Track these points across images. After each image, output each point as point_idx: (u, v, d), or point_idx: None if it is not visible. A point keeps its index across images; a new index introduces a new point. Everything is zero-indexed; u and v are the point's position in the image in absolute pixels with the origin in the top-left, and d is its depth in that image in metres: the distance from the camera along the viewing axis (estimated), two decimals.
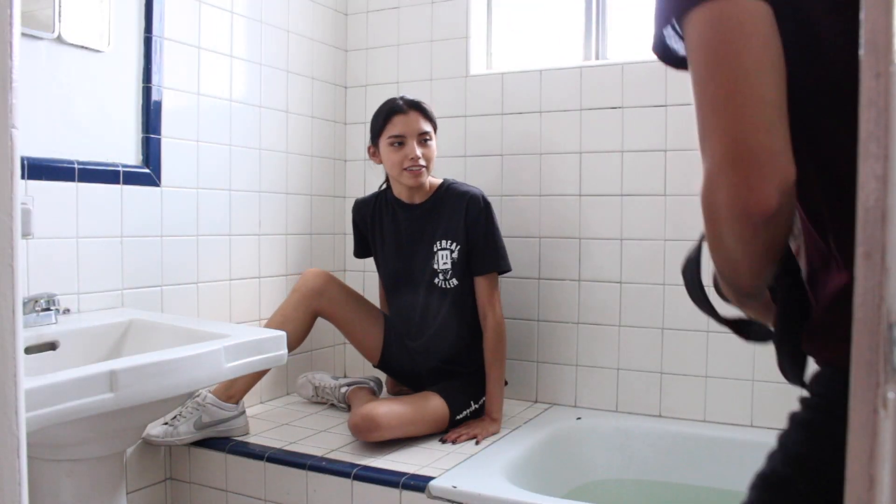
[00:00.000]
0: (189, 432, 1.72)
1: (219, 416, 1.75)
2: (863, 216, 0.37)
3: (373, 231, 2.04)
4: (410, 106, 1.87)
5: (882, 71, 0.36)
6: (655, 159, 2.02)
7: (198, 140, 1.90)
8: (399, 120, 1.86)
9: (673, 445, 1.90)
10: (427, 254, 1.93)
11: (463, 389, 1.89)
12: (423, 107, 1.89)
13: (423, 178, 1.89)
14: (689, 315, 1.98)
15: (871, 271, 0.36)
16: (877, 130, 0.36)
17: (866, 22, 0.37)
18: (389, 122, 1.87)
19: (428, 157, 1.88)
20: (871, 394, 0.36)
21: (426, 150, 1.87)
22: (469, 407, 1.88)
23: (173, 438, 1.71)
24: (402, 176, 1.88)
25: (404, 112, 1.86)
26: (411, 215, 1.96)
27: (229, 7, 1.98)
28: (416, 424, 1.76)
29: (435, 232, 1.92)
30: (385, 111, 1.89)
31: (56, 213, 1.53)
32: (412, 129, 1.86)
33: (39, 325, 1.39)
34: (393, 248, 2.00)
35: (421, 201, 1.95)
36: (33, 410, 0.95)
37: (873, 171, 0.36)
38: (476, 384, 1.92)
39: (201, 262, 1.91)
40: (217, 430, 1.75)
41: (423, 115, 1.88)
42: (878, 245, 0.36)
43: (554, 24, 2.32)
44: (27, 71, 1.49)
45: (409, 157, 1.85)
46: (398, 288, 2.01)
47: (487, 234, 1.88)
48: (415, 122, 1.86)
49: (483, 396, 1.91)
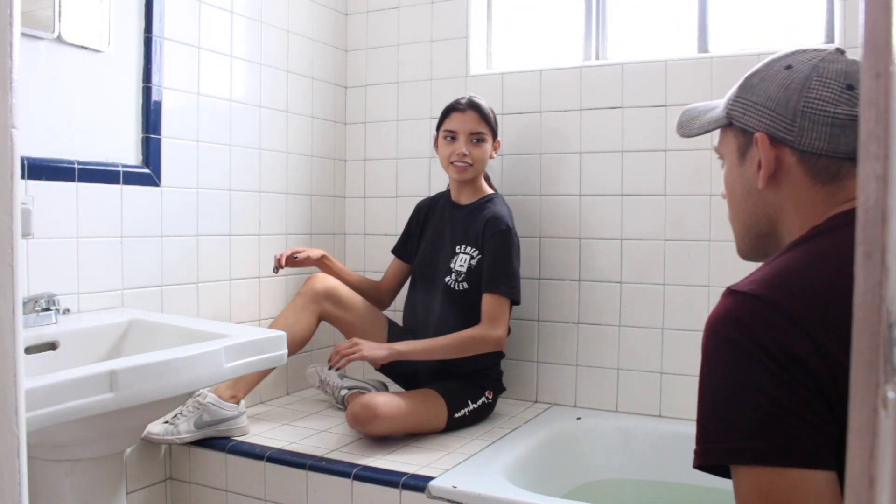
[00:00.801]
0: (189, 431, 1.72)
1: (219, 415, 1.75)
2: (863, 216, 0.37)
3: (423, 227, 2.11)
4: (470, 105, 1.96)
5: (882, 71, 0.36)
6: (655, 159, 2.02)
7: (198, 140, 1.90)
8: (456, 116, 1.95)
9: (673, 445, 1.89)
10: (450, 253, 1.97)
11: (461, 388, 1.90)
12: (483, 109, 1.96)
13: (467, 175, 1.95)
14: (689, 315, 1.98)
15: (871, 271, 0.36)
16: (877, 130, 0.36)
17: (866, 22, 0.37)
18: (448, 117, 1.97)
19: (476, 157, 1.94)
20: (871, 394, 0.36)
21: (476, 149, 1.94)
22: (467, 406, 1.88)
23: (173, 437, 1.71)
24: (448, 169, 1.98)
25: (462, 110, 1.95)
26: (454, 215, 2.02)
27: (229, 7, 1.98)
28: (414, 417, 1.77)
29: (464, 235, 1.96)
30: (448, 107, 1.99)
31: (56, 213, 1.53)
32: (465, 127, 1.94)
33: (39, 325, 1.39)
34: (429, 242, 2.05)
35: (466, 203, 2.01)
36: (33, 410, 0.95)
37: (873, 171, 0.36)
38: (474, 385, 1.92)
39: (201, 262, 1.91)
40: (217, 430, 1.75)
41: (480, 116, 1.95)
42: (878, 245, 0.36)
43: (554, 24, 2.32)
44: (27, 71, 1.49)
45: (457, 153, 1.93)
46: (419, 283, 2.05)
47: (499, 257, 1.89)
48: (470, 121, 1.94)
49: (482, 398, 1.91)
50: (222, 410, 1.75)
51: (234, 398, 1.79)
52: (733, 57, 1.94)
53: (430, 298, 2.00)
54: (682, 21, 2.11)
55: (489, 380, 1.97)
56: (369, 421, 1.70)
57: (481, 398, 1.92)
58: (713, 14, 2.06)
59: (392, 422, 1.72)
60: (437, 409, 1.82)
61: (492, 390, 1.97)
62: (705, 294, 1.96)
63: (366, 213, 2.46)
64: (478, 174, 1.99)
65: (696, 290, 1.97)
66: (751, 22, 2.06)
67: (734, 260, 2.01)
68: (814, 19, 1.96)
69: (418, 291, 2.04)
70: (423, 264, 2.05)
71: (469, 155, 1.93)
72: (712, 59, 1.96)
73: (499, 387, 2.01)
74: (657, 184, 2.02)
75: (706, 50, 2.05)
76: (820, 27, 1.94)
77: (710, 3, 2.05)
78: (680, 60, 2.00)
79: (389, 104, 2.41)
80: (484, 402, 1.93)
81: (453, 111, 1.96)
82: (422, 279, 2.04)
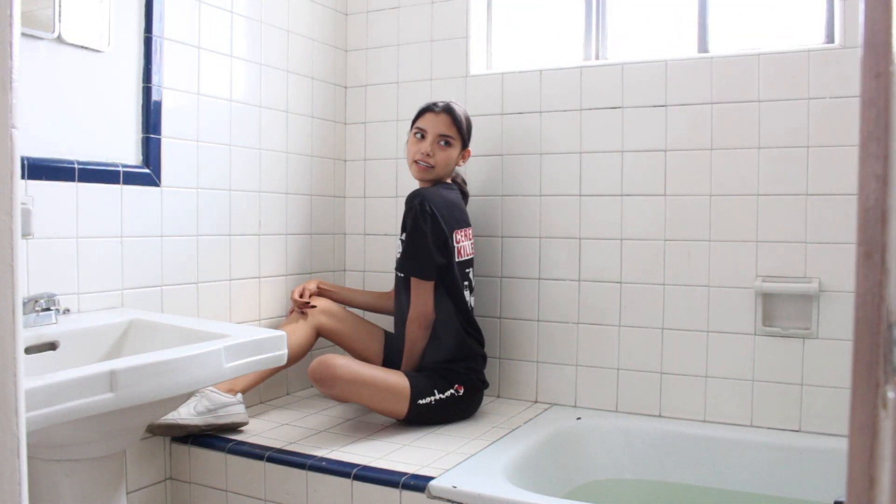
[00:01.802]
0: (189, 415, 1.72)
1: (218, 401, 1.77)
2: (863, 216, 0.37)
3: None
4: (444, 109, 1.97)
5: (882, 71, 0.36)
6: (655, 159, 2.02)
7: (198, 140, 1.90)
8: (429, 116, 1.96)
9: (673, 445, 1.90)
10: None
11: (428, 377, 1.90)
12: (456, 114, 1.97)
13: (427, 175, 1.96)
14: (689, 315, 1.98)
15: (871, 271, 0.36)
16: (877, 130, 0.36)
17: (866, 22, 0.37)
18: (422, 115, 1.98)
19: (440, 159, 1.95)
20: (871, 394, 0.36)
21: (442, 152, 1.95)
22: (433, 395, 1.87)
23: (174, 419, 1.70)
24: (412, 167, 1.98)
25: (436, 112, 1.96)
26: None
27: (229, 7, 1.98)
28: (372, 389, 1.79)
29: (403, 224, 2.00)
30: (424, 107, 2.01)
31: (56, 213, 1.53)
32: (435, 128, 1.95)
33: (39, 325, 1.39)
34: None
35: None
36: (33, 410, 0.95)
37: (873, 171, 0.36)
38: (441, 378, 1.90)
39: (201, 262, 1.91)
40: (217, 415, 1.76)
41: (452, 120, 1.96)
42: (878, 245, 0.36)
43: (554, 24, 2.32)
44: (27, 71, 1.49)
45: (422, 151, 1.94)
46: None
47: (408, 235, 1.91)
48: (441, 123, 1.95)
49: (450, 389, 1.90)
50: (221, 397, 1.78)
51: (232, 391, 1.81)
52: (733, 57, 1.94)
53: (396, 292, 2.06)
54: (682, 21, 2.11)
55: (455, 374, 1.93)
56: (326, 380, 1.74)
57: (449, 390, 1.90)
58: (713, 14, 2.06)
59: (349, 387, 1.75)
60: (400, 389, 1.82)
61: (461, 384, 1.92)
62: (705, 294, 1.96)
63: (366, 213, 2.46)
64: (439, 177, 1.99)
65: (696, 290, 1.97)
66: (751, 22, 2.06)
67: (734, 260, 2.02)
68: (814, 19, 1.96)
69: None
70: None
71: (433, 156, 1.93)
72: (712, 59, 1.96)
73: (470, 382, 1.95)
74: (657, 184, 2.02)
75: (706, 50, 2.05)
76: (820, 27, 1.94)
77: (710, 3, 2.05)
78: (680, 60, 2.00)
79: (389, 104, 2.41)
80: (452, 394, 1.90)
81: (428, 111, 1.97)
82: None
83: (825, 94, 1.84)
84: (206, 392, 1.76)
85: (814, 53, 1.85)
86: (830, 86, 1.83)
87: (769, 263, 1.90)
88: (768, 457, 1.81)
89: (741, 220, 1.92)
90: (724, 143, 1.94)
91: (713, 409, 1.95)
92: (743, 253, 1.92)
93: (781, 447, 1.81)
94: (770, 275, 1.90)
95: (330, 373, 1.74)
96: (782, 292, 1.88)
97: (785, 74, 1.88)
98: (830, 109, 1.83)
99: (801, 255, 1.87)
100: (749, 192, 1.92)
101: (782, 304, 1.90)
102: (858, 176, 0.37)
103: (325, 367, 1.74)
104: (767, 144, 1.90)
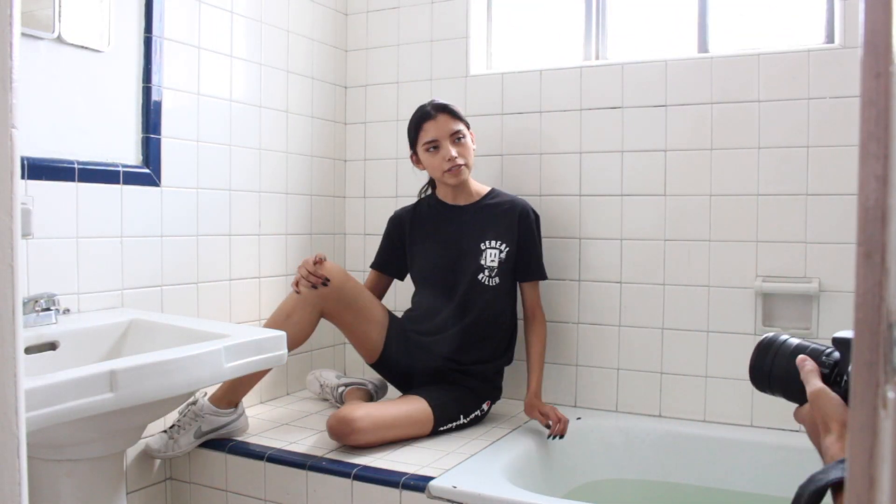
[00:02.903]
0: (189, 443, 1.71)
1: (217, 423, 1.73)
2: (863, 216, 0.37)
3: (412, 237, 2.04)
4: (438, 110, 1.92)
5: (882, 71, 0.36)
6: (655, 159, 2.02)
7: (198, 140, 1.90)
8: (430, 126, 1.91)
9: (673, 445, 1.90)
10: (474, 252, 1.95)
11: (457, 401, 1.87)
12: (451, 108, 1.93)
13: (464, 176, 1.93)
14: (689, 315, 1.98)
15: (871, 271, 0.36)
16: (877, 130, 0.36)
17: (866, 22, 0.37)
18: (421, 129, 1.92)
19: (464, 154, 1.92)
20: (871, 394, 0.36)
21: (461, 148, 1.92)
22: (458, 420, 1.86)
23: (175, 451, 1.70)
24: (444, 177, 1.93)
25: (433, 117, 1.91)
26: (459, 216, 1.99)
27: (229, 7, 1.98)
28: (395, 429, 1.73)
29: (484, 232, 1.95)
30: (415, 120, 1.94)
31: (56, 213, 1.53)
32: (444, 132, 1.90)
33: (39, 325, 1.39)
34: (436, 247, 1.99)
35: (466, 204, 1.99)
36: (33, 410, 0.95)
37: (873, 171, 0.36)
38: (469, 400, 1.90)
39: (201, 262, 1.91)
40: (218, 434, 1.75)
41: (451, 116, 1.92)
42: (878, 245, 0.36)
43: (554, 24, 2.32)
44: (27, 71, 1.49)
45: (447, 159, 1.89)
46: (433, 284, 1.99)
47: (537, 245, 1.99)
48: (445, 125, 1.91)
49: (475, 411, 1.90)
50: (219, 418, 1.73)
51: (231, 403, 1.76)
52: (733, 57, 1.94)
53: (447, 299, 1.95)
54: (682, 21, 2.11)
55: (491, 387, 1.96)
56: (346, 435, 1.67)
57: (475, 412, 1.90)
58: (713, 14, 2.06)
59: (371, 435, 1.68)
60: (422, 417, 1.78)
61: (491, 400, 1.96)
62: (705, 294, 1.96)
63: (366, 213, 2.46)
64: (471, 170, 1.96)
65: (696, 290, 1.97)
66: (751, 22, 2.06)
67: (734, 260, 2.02)
68: (814, 19, 1.96)
69: (435, 291, 1.99)
70: (431, 269, 2.00)
71: (459, 156, 1.90)
72: (712, 59, 1.96)
73: (498, 395, 2.01)
74: (657, 184, 2.02)
75: (706, 50, 2.05)
76: (820, 27, 1.94)
77: (710, 3, 2.05)
78: (680, 60, 2.00)
79: (389, 104, 2.41)
80: (477, 415, 1.91)
81: (424, 122, 1.91)
82: (433, 284, 1.99)
83: (825, 94, 1.84)
84: (205, 415, 1.71)
85: (814, 53, 1.85)
86: (830, 86, 1.83)
87: (769, 263, 1.90)
88: (768, 457, 1.81)
89: (741, 220, 1.92)
90: (723, 143, 1.94)
91: (713, 409, 1.95)
92: (743, 253, 1.92)
93: (781, 447, 1.80)
94: (770, 275, 1.90)
95: (350, 428, 1.66)
96: (782, 292, 1.88)
97: (785, 74, 1.88)
98: (830, 109, 1.83)
99: (801, 255, 1.87)
100: (749, 192, 1.92)
101: (782, 304, 1.90)
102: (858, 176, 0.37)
103: (345, 424, 1.66)
104: (767, 144, 1.90)
